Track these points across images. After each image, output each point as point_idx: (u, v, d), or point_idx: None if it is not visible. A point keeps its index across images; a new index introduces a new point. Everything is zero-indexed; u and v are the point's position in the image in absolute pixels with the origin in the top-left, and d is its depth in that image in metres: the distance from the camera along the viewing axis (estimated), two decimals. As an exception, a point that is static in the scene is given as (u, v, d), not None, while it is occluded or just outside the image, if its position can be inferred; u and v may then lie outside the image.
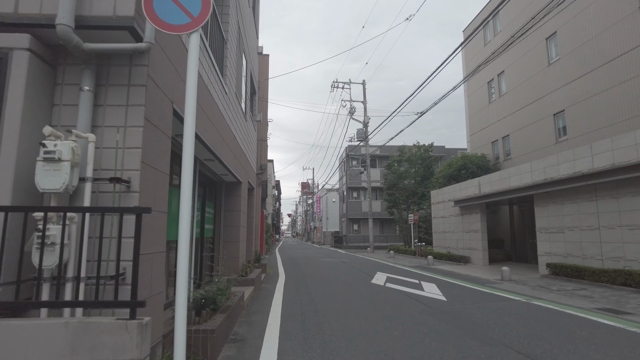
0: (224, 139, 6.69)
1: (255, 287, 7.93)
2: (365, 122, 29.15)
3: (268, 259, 17.74)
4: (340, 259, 18.73)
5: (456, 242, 18.37)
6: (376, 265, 15.71)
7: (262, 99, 13.79)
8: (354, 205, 37.81)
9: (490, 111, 20.23)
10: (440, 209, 20.19)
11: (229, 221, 8.66)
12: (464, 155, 19.68)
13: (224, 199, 8.73)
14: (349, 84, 30.39)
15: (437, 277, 11.38)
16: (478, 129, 21.35)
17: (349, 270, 13.15)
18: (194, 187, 6.19)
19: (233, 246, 8.58)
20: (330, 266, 14.52)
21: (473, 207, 16.83)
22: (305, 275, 11.21)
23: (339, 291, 8.23)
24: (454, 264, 16.69)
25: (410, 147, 28.04)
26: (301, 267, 13.76)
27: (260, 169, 13.77)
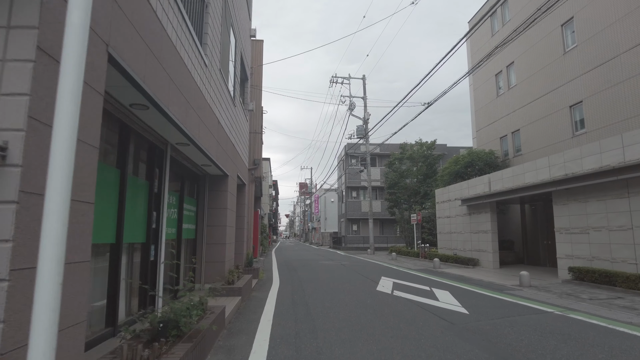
0: (202, 120, 5.52)
1: (243, 296, 6.77)
2: (366, 118, 28.02)
3: (263, 262, 16.57)
4: (339, 262, 17.58)
5: (463, 244, 17.24)
6: (379, 268, 14.56)
7: (255, 87, 12.65)
8: (353, 205, 36.68)
9: (498, 105, 19.13)
10: (446, 208, 19.06)
11: (213, 220, 7.49)
12: (471, 152, 18.57)
13: (208, 195, 7.56)
14: (349, 79, 29.28)
15: (449, 283, 10.24)
16: (485, 124, 20.25)
17: (350, 274, 11.99)
18: (162, 176, 5.03)
19: (218, 249, 7.42)
20: (330, 270, 13.36)
21: (482, 206, 15.71)
22: (302, 281, 10.05)
23: (340, 302, 7.07)
24: (462, 267, 15.56)
25: (412, 145, 26.93)
26: (298, 272, 12.59)
27: (254, 164, 12.62)
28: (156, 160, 5.06)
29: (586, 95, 13.67)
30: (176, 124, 4.29)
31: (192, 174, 7.13)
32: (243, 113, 10.18)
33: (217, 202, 7.53)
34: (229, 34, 7.83)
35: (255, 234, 16.74)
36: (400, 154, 27.19)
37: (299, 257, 20.71)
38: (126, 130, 4.20)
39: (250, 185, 12.45)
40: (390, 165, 27.74)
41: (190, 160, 6.30)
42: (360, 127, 28.37)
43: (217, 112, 6.63)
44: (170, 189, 6.01)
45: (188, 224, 6.91)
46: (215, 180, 7.63)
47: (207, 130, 5.83)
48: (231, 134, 8.15)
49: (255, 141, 12.76)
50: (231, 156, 8.09)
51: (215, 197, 7.54)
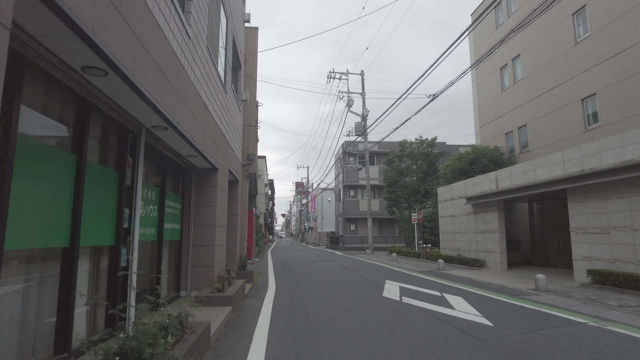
0: (184, 100, 4.68)
1: (234, 306, 5.93)
2: (364, 114, 27.23)
3: (258, 264, 15.72)
4: (338, 263, 16.77)
5: (468, 244, 16.49)
6: (381, 270, 13.76)
7: (249, 76, 11.80)
8: (351, 204, 35.90)
9: (503, 100, 18.40)
10: (449, 207, 18.30)
11: (200, 219, 6.64)
12: (475, 148, 17.82)
13: (194, 190, 6.71)
14: (347, 75, 28.45)
15: (458, 287, 9.46)
16: (489, 120, 19.52)
17: (352, 277, 11.18)
18: (135, 166, 4.19)
19: (206, 252, 6.57)
20: (329, 272, 12.54)
21: (489, 204, 14.96)
22: (301, 286, 9.22)
23: (345, 311, 6.26)
24: (467, 269, 14.81)
25: (412, 142, 26.16)
26: (295, 274, 11.76)
27: (248, 159, 11.76)
28: (129, 147, 4.22)
29: (600, 87, 12.95)
30: (148, 99, 3.44)
31: (175, 167, 6.28)
32: (236, 102, 9.33)
33: (205, 199, 6.68)
34: (218, 11, 6.98)
35: (250, 234, 15.89)
36: (400, 151, 26.42)
37: (295, 258, 19.87)
38: (84, 106, 3.35)
39: (244, 181, 11.61)
40: (389, 163, 26.97)
41: (172, 150, 5.45)
42: (358, 123, 27.57)
43: (204, 94, 5.78)
44: (148, 182, 5.16)
45: (171, 223, 6.06)
46: (203, 174, 6.78)
47: (191, 114, 4.98)
48: (221, 122, 7.30)
49: (249, 135, 11.92)
50: (221, 147, 7.24)
51: (202, 193, 6.69)
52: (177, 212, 6.42)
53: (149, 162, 5.17)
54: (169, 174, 6.07)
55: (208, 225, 6.60)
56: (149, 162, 5.16)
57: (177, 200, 6.40)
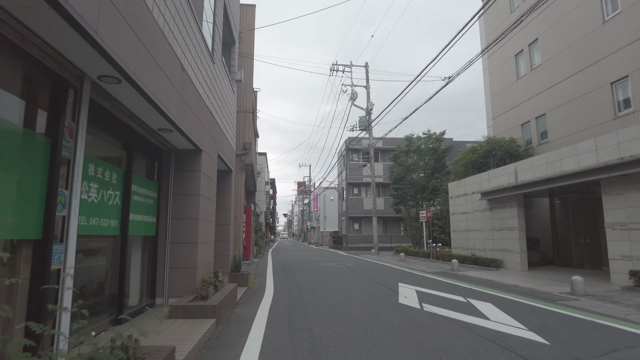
0: (146, 47, 3.51)
1: (219, 318, 4.77)
2: (369, 108, 26.05)
3: (257, 264, 14.56)
4: (343, 263, 15.58)
5: (483, 243, 15.28)
6: (390, 272, 12.57)
7: (245, 55, 10.64)
8: (355, 203, 34.70)
9: (518, 88, 17.18)
10: (461, 203, 17.10)
11: (179, 211, 5.48)
12: (489, 140, 16.60)
13: (173, 176, 5.54)
14: (350, 67, 27.27)
15: (482, 290, 8.28)
16: (503, 111, 18.29)
17: (360, 280, 10.00)
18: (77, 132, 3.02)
19: (186, 251, 5.41)
20: (335, 274, 11.36)
21: (507, 199, 13.75)
22: (302, 291, 8.04)
23: (357, 324, 5.08)
24: (483, 269, 13.61)
25: (419, 137, 24.94)
26: (296, 277, 10.58)
27: (244, 148, 10.61)
28: (68, 107, 3.06)
29: (633, 68, 11.73)
30: (79, 25, 2.28)
31: (148, 146, 5.11)
32: (227, 79, 8.16)
33: (185, 186, 5.51)
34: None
35: (248, 233, 14.73)
36: (406, 146, 25.21)
37: (297, 259, 18.69)
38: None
39: (239, 173, 10.45)
40: (395, 159, 25.76)
41: (139, 121, 4.28)
42: (363, 117, 26.39)
43: (180, 52, 4.61)
44: (107, 160, 4.00)
45: (142, 214, 4.89)
46: (184, 157, 5.61)
47: (158, 69, 3.81)
48: (207, 97, 6.14)
49: (245, 122, 10.76)
50: (207, 126, 6.08)
51: (183, 179, 5.53)
52: (152, 203, 5.26)
53: (105, 133, 4.01)
54: (139, 154, 4.91)
55: (189, 219, 5.43)
56: (105, 132, 4.00)
57: (151, 187, 5.24)
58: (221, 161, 7.52)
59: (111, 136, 4.16)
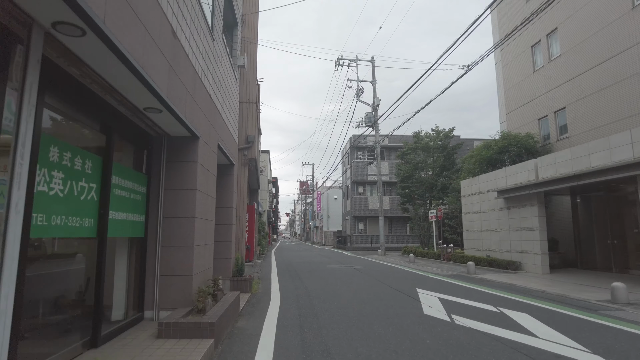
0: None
1: (218, 336, 3.97)
2: (375, 104, 25.23)
3: (260, 266, 13.76)
4: (351, 265, 14.77)
5: (499, 244, 14.44)
6: (403, 275, 11.76)
7: (247, 40, 9.83)
8: (360, 202, 33.87)
9: (535, 81, 16.31)
10: (475, 202, 16.26)
11: (172, 208, 4.68)
12: (505, 135, 15.72)
13: (165, 167, 4.74)
14: (356, 61, 26.45)
15: (510, 297, 7.46)
16: (518, 105, 17.42)
17: (373, 284, 9.19)
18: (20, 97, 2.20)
19: (180, 255, 4.61)
20: (344, 278, 10.54)
21: (526, 197, 12.91)
22: (312, 298, 7.23)
23: (382, 342, 4.27)
24: (501, 272, 12.79)
25: (427, 133, 24.08)
26: (303, 280, 9.77)
27: (247, 142, 9.80)
28: (11, 65, 2.26)
29: (666, 56, 10.86)
30: None
31: (134, 130, 4.30)
32: (229, 63, 7.34)
33: (179, 179, 4.70)
34: None
35: (251, 233, 13.94)
36: (414, 143, 24.37)
37: (302, 259, 17.89)
38: None
39: (242, 168, 9.65)
40: (403, 156, 24.92)
41: (117, 95, 3.46)
42: (369, 114, 25.57)
43: (172, 14, 3.81)
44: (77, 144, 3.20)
45: (127, 212, 4.09)
46: (178, 145, 4.81)
47: (139, 23, 3.00)
48: (206, 77, 5.33)
49: (248, 113, 9.95)
50: (205, 110, 5.27)
51: (176, 170, 4.72)
52: (140, 198, 4.46)
53: (76, 110, 3.21)
54: (124, 140, 4.11)
55: (184, 217, 4.63)
56: (75, 109, 3.20)
57: (138, 180, 4.44)
58: (222, 153, 6.72)
59: (84, 114, 3.35)
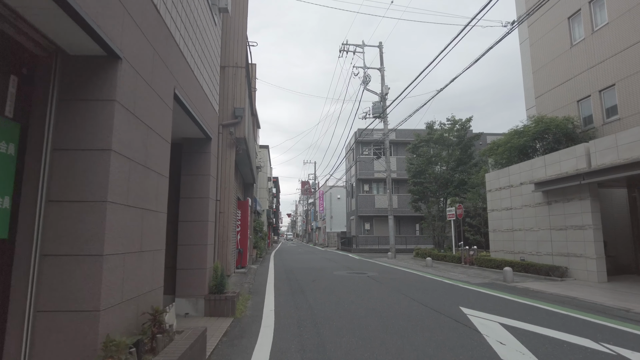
0: None
1: None
2: (384, 93, 23.05)
3: (255, 273, 11.60)
4: (362, 271, 12.59)
5: (536, 245, 12.25)
6: (428, 284, 9.57)
7: (233, -17, 7.73)
8: (366, 200, 31.66)
9: (574, 57, 14.11)
10: (504, 197, 14.07)
11: (65, 185, 2.50)
12: (540, 119, 13.48)
13: (54, 109, 2.57)
14: (362, 47, 24.31)
15: (593, 321, 5.27)
16: (551, 87, 15.22)
17: (399, 300, 7.01)
18: None
19: (77, 272, 2.42)
20: (358, 289, 8.36)
21: (573, 190, 10.73)
22: (321, 325, 5.06)
23: None
24: (543, 279, 10.64)
25: (442, 124, 21.89)
26: (307, 294, 7.60)
27: (233, 116, 7.65)
28: None
29: None
30: None
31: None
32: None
33: (79, 132, 2.55)
34: None
35: (245, 234, 11.79)
36: (427, 134, 22.20)
37: (304, 264, 15.69)
38: None
39: (227, 150, 7.51)
40: (414, 150, 22.76)
41: None
42: (376, 103, 23.39)
43: None
44: None
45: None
46: (80, 71, 2.64)
47: None
48: None
49: (235, 81, 7.80)
50: (147, 30, 3.12)
51: (75, 115, 2.57)
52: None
53: None
54: None
55: (87, 202, 2.49)
56: None
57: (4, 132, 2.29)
58: (187, 116, 4.57)
59: None
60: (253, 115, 14.99)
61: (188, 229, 5.54)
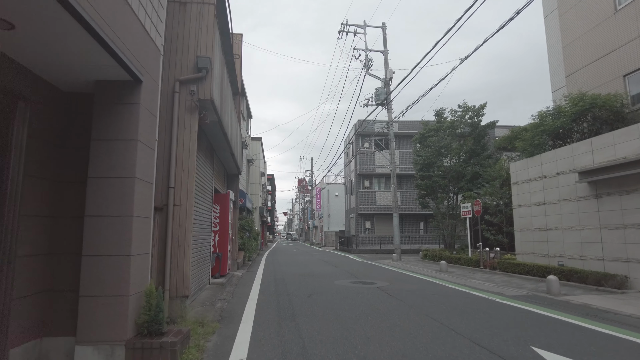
0: None
1: None
2: (388, 77, 20.83)
3: (237, 283, 9.38)
4: (369, 280, 10.39)
5: (580, 248, 10.12)
6: (460, 299, 7.36)
7: None
8: (366, 197, 29.45)
9: (618, 25, 11.94)
10: (535, 190, 11.93)
11: None
12: (581, 96, 11.24)
13: None
14: (364, 27, 22.07)
15: None
16: (587, 62, 13.04)
17: (434, 332, 4.81)
18: None
19: None
20: (373, 312, 6.16)
21: (635, 179, 8.58)
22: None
23: None
24: (596, 291, 8.56)
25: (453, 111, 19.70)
26: (300, 323, 5.39)
27: (196, 69, 5.40)
28: None
29: None
30: None
31: None
32: None
33: None
34: None
35: (224, 235, 9.56)
36: (436, 123, 20.01)
37: (299, 269, 13.45)
38: None
39: (185, 115, 5.29)
40: (422, 140, 20.57)
41: None
42: (379, 89, 21.17)
43: None
44: None
45: None
46: None
47: None
48: None
49: (200, 20, 5.55)
50: None
51: None
52: None
53: None
54: None
55: None
56: None
57: None
58: (85, 30, 2.32)
59: None
60: (239, 94, 12.73)
61: (98, 229, 3.31)
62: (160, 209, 5.03)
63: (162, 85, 5.13)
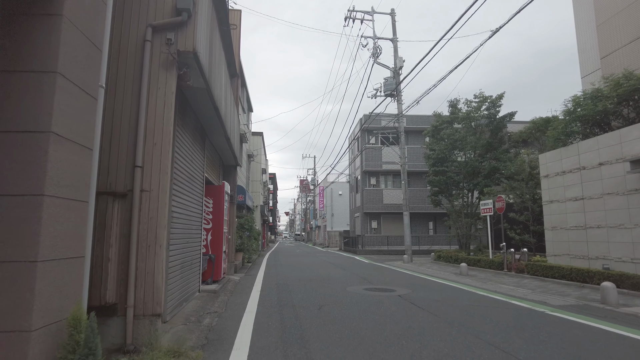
0: None
1: None
2: (397, 66, 19.48)
3: (232, 291, 8.04)
4: (387, 287, 9.03)
5: (632, 249, 8.75)
6: (500, 311, 6.00)
7: None
8: (372, 196, 28.06)
9: (663, -3, 10.58)
10: (570, 183, 10.56)
11: None
12: (628, 75, 9.88)
13: None
14: (372, 14, 20.72)
15: None
16: (626, 41, 11.66)
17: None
18: None
19: None
20: (402, 332, 4.82)
21: None
22: None
23: None
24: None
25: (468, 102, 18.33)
26: (311, 349, 4.07)
27: (174, 12, 4.06)
28: None
29: None
30: None
31: None
32: None
33: None
34: None
35: (218, 233, 8.23)
36: (450, 114, 18.65)
37: (304, 273, 12.09)
38: None
39: (159, 71, 3.97)
40: (435, 133, 19.19)
41: None
42: (389, 79, 19.82)
43: None
44: None
45: None
46: None
47: None
48: None
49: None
50: None
51: None
52: None
53: None
54: None
55: None
56: None
57: None
58: None
59: None
60: (237, 77, 11.41)
61: None
62: (123, 195, 3.70)
63: (129, 30, 3.80)
